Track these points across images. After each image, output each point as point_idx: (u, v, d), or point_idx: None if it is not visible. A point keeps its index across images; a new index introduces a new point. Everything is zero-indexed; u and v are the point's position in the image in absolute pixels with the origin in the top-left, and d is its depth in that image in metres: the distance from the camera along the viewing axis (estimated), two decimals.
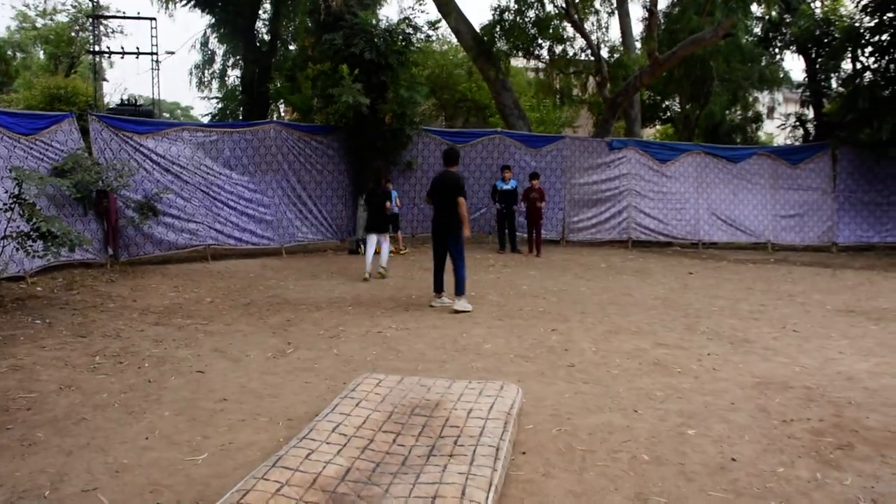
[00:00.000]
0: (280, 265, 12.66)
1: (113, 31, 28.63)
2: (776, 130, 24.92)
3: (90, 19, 27.60)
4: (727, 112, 23.12)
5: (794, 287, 11.14)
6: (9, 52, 31.51)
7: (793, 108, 23.91)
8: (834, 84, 20.22)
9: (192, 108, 49.47)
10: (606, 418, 4.91)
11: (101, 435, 4.57)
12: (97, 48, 26.86)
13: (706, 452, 4.33)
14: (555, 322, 8.15)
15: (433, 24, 16.00)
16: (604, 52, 19.36)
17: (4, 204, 9.00)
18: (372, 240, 11.38)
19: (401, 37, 14.55)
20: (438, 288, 9.06)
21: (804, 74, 20.76)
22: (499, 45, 17.84)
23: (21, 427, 4.68)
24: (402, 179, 15.55)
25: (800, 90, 21.67)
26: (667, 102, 25.47)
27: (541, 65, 21.01)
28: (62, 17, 31.03)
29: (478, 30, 17.77)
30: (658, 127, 28.53)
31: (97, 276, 10.82)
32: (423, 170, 15.72)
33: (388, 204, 11.37)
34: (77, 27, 30.68)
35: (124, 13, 28.54)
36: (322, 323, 8.01)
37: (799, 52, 20.50)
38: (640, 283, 11.17)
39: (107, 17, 27.44)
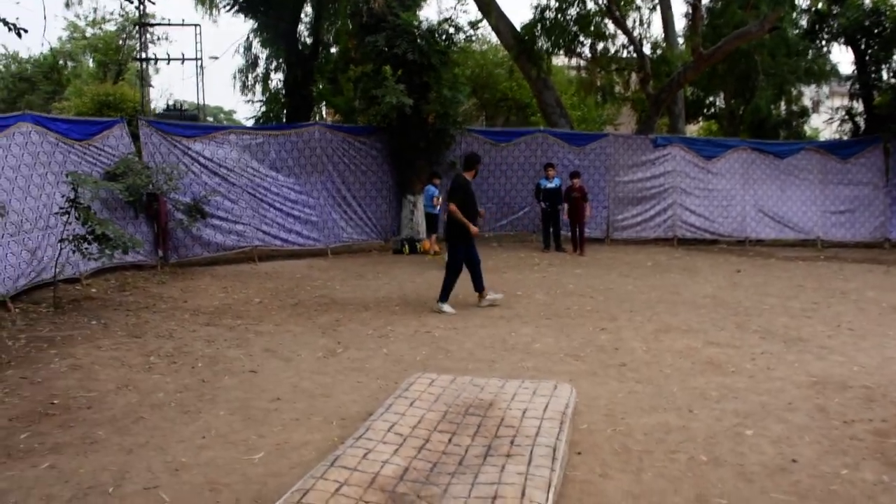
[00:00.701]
0: (326, 265, 12.77)
1: (159, 39, 29.14)
2: (822, 125, 24.32)
3: (137, 27, 28.16)
4: (772, 107, 22.63)
5: (846, 284, 10.86)
6: (61, 62, 32.32)
7: (838, 103, 23.25)
8: (885, 76, 19.65)
9: (234, 112, 49.86)
10: (661, 418, 4.85)
11: (159, 434, 4.66)
12: (144, 55, 27.40)
13: (765, 453, 4.25)
14: (603, 321, 8.08)
15: (474, 24, 15.97)
16: (646, 49, 19.08)
17: (61, 208, 9.23)
18: None
19: (443, 37, 14.56)
20: (478, 287, 9.06)
21: (853, 67, 20.16)
22: (540, 43, 17.68)
23: (83, 425, 4.80)
24: (445, 179, 15.54)
25: (847, 83, 21.07)
26: (711, 98, 25.03)
27: (582, 62, 20.80)
28: (110, 26, 31.70)
29: (518, 28, 17.66)
30: (702, 123, 28.09)
31: (148, 278, 11.04)
32: None
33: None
34: (124, 35, 31.29)
35: (169, 21, 28.97)
36: (370, 322, 8.06)
37: (847, 43, 19.91)
38: (688, 281, 11.01)
39: (153, 25, 27.89)
